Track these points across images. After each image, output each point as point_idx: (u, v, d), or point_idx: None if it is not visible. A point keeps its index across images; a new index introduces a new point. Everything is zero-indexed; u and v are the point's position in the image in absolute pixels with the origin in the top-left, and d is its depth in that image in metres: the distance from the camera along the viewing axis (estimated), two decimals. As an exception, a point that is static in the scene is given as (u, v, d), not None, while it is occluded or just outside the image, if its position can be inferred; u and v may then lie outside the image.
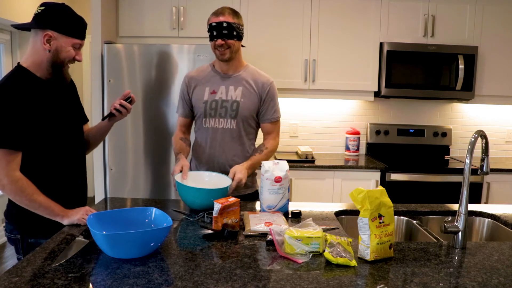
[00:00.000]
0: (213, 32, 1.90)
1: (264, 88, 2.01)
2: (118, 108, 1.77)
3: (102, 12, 2.99)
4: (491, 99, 3.36)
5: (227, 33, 1.88)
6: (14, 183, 1.46)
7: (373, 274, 1.19)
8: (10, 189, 1.47)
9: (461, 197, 1.41)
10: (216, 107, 1.98)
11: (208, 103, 1.99)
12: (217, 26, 1.88)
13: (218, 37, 1.88)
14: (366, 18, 3.24)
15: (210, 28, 1.91)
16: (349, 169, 3.09)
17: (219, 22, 1.87)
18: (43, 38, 1.52)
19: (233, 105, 1.97)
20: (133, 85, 2.93)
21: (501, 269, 1.24)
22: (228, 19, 1.88)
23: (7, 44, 3.87)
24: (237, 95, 1.98)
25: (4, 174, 1.45)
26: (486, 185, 3.10)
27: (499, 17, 3.25)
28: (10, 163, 1.46)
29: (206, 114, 2.00)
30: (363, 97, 3.37)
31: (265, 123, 2.06)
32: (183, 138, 2.08)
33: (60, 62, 1.57)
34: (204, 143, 2.03)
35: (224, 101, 1.98)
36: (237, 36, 1.91)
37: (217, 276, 1.15)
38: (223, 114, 1.98)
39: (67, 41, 1.55)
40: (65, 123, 1.65)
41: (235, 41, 1.91)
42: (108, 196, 2.99)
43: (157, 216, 1.44)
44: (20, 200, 1.49)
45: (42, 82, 1.57)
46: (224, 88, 1.99)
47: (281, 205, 1.70)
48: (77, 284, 1.09)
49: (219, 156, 2.00)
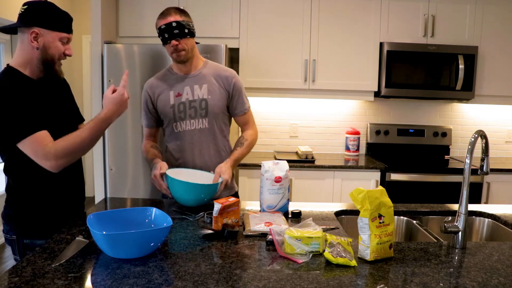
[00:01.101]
0: (164, 35, 1.85)
1: (229, 82, 1.97)
2: None
3: (102, 12, 2.98)
4: (491, 99, 3.36)
5: (179, 32, 1.83)
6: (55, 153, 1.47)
7: (373, 274, 1.19)
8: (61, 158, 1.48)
9: (461, 197, 1.41)
10: (184, 109, 1.94)
11: (176, 106, 1.94)
12: (167, 28, 1.83)
13: (171, 38, 1.84)
14: (366, 18, 3.24)
15: (160, 32, 1.86)
16: (349, 169, 3.09)
17: (168, 23, 1.82)
18: (30, 36, 1.51)
19: (201, 104, 1.94)
20: (133, 85, 2.93)
21: (501, 269, 1.24)
22: (176, 18, 1.84)
23: (7, 44, 3.87)
24: (204, 93, 1.94)
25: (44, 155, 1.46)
26: (486, 185, 3.10)
27: (499, 17, 3.25)
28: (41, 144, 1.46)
29: (176, 118, 1.95)
30: (363, 97, 3.37)
31: (238, 116, 2.04)
32: (154, 146, 2.02)
33: (51, 59, 1.56)
34: (177, 148, 1.98)
35: (192, 101, 1.94)
36: (189, 33, 1.87)
37: (217, 276, 1.15)
38: (193, 115, 1.94)
39: (54, 36, 1.54)
40: (58, 122, 1.63)
41: (188, 39, 1.87)
42: (108, 196, 2.99)
43: (157, 216, 1.44)
44: (77, 148, 1.52)
45: (33, 82, 1.56)
46: (188, 89, 1.95)
47: (281, 205, 1.70)
48: (77, 284, 1.09)
49: (195, 158, 1.96)
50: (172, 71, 2.01)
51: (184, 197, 1.71)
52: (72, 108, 1.77)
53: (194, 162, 1.97)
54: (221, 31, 3.20)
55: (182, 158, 1.98)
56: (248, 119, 2.07)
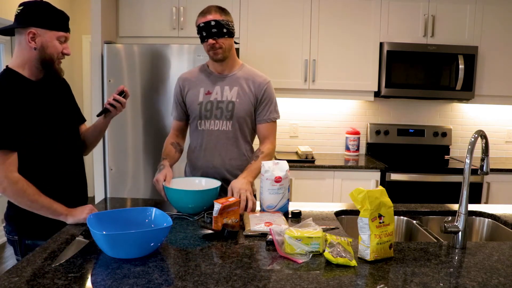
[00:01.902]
0: (202, 33, 1.84)
1: (260, 88, 1.95)
2: (112, 103, 1.74)
3: (102, 12, 2.98)
4: (491, 99, 3.36)
5: (217, 31, 1.82)
6: (14, 184, 1.45)
7: (373, 274, 1.19)
8: (11, 191, 1.46)
9: (461, 197, 1.41)
10: (211, 108, 1.93)
11: (203, 104, 1.94)
12: (206, 26, 1.82)
13: (208, 37, 1.83)
14: (366, 18, 3.24)
15: (199, 30, 1.86)
16: (349, 169, 3.09)
17: (207, 22, 1.82)
18: (27, 36, 1.50)
19: (228, 106, 1.92)
20: (133, 85, 2.93)
21: (501, 269, 1.24)
22: (215, 17, 1.83)
23: (7, 44, 3.87)
24: (233, 96, 1.93)
25: (4, 176, 1.44)
26: (486, 185, 3.10)
27: (499, 17, 3.25)
28: (7, 164, 1.44)
29: (201, 115, 1.94)
30: (363, 97, 3.37)
31: (261, 123, 1.99)
32: (174, 144, 2.01)
33: (49, 58, 1.55)
34: (199, 146, 1.97)
35: (220, 102, 1.93)
36: (228, 33, 1.85)
37: (217, 276, 1.15)
38: (219, 116, 1.93)
39: (51, 35, 1.53)
40: (58, 123, 1.63)
41: (226, 38, 1.86)
42: (108, 196, 2.99)
43: (157, 216, 1.44)
44: (22, 202, 1.48)
45: (32, 83, 1.55)
46: (219, 89, 1.94)
47: (281, 205, 1.70)
48: (77, 284, 1.09)
49: (215, 159, 1.95)
50: (207, 68, 2.00)
51: (179, 205, 1.69)
52: (72, 109, 1.76)
53: (213, 162, 1.95)
54: (221, 31, 3.20)
55: (201, 157, 1.97)
56: (270, 132, 2.01)
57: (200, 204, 1.68)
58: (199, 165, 1.98)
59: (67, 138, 1.68)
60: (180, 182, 1.81)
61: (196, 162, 1.99)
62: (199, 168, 1.97)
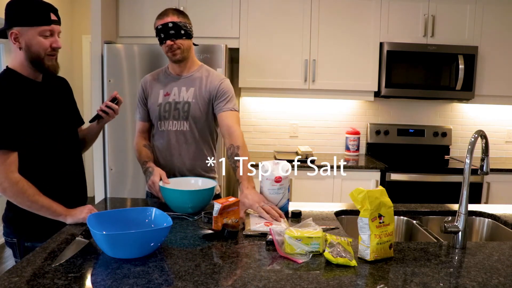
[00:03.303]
0: (160, 35, 1.86)
1: (215, 84, 1.95)
2: (105, 110, 1.74)
3: (102, 12, 2.99)
4: (491, 99, 3.36)
5: (174, 33, 1.84)
6: (15, 185, 1.44)
7: (373, 274, 1.19)
8: (11, 191, 1.45)
9: (461, 197, 1.41)
10: (169, 109, 1.96)
11: (162, 105, 1.96)
12: (163, 28, 1.84)
13: (166, 38, 1.85)
14: (366, 18, 3.24)
15: (157, 32, 1.88)
16: (349, 169, 3.09)
17: (165, 24, 1.84)
18: (11, 37, 1.47)
19: (184, 106, 1.95)
20: (133, 85, 2.93)
21: (501, 269, 1.24)
22: (173, 19, 1.85)
23: (7, 44, 3.87)
24: (189, 96, 1.95)
25: (4, 177, 1.43)
26: (486, 185, 3.10)
27: (499, 17, 3.25)
28: (7, 165, 1.43)
29: (161, 116, 1.96)
30: (363, 97, 3.37)
31: (221, 112, 1.93)
32: (146, 145, 2.03)
33: (36, 57, 1.49)
34: (161, 147, 2.00)
35: (177, 103, 1.95)
36: (186, 35, 1.87)
37: (217, 276, 1.15)
38: (177, 116, 1.95)
39: (32, 32, 1.46)
40: (58, 124, 1.63)
41: (184, 40, 1.88)
42: (108, 196, 2.99)
43: (157, 216, 1.44)
44: (22, 202, 1.48)
45: (32, 83, 1.55)
46: (177, 90, 1.96)
47: (281, 205, 1.70)
48: (77, 284, 1.09)
49: (175, 159, 1.97)
50: (167, 70, 2.04)
51: (180, 205, 1.68)
52: (72, 110, 1.76)
53: (173, 162, 1.98)
54: (221, 31, 3.20)
55: (162, 157, 2.00)
56: (233, 119, 1.92)
57: (201, 204, 1.69)
58: (162, 164, 1.98)
59: (67, 138, 1.68)
60: (175, 183, 1.81)
61: (160, 163, 2.00)
62: (162, 168, 1.94)
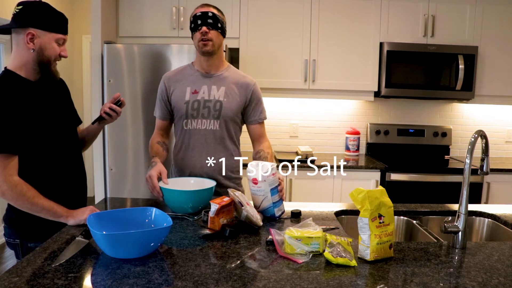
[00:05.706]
0: (197, 21, 1.82)
1: (248, 89, 1.95)
2: (108, 112, 1.74)
3: (102, 12, 2.99)
4: (491, 99, 3.36)
5: (212, 22, 1.82)
6: (14, 188, 1.44)
7: (373, 274, 1.19)
8: (10, 195, 1.45)
9: (461, 197, 1.41)
10: (198, 108, 1.92)
11: (190, 103, 1.92)
12: (202, 15, 1.82)
13: (203, 24, 1.81)
14: (366, 18, 3.24)
15: (194, 19, 1.84)
16: (349, 169, 3.09)
17: (205, 12, 1.82)
18: (26, 37, 1.49)
19: (216, 105, 1.91)
20: (133, 85, 2.93)
21: (501, 269, 1.24)
22: (214, 11, 1.84)
23: (7, 44, 3.86)
24: (220, 95, 1.92)
25: (3, 180, 1.43)
26: (486, 185, 3.10)
27: (499, 17, 3.25)
28: (7, 168, 1.43)
29: (188, 115, 1.92)
30: (363, 97, 3.37)
31: (253, 124, 2.00)
32: (160, 142, 2.00)
33: (47, 61, 1.53)
34: (186, 146, 1.96)
35: (207, 101, 1.91)
36: (221, 29, 1.86)
37: (217, 276, 1.15)
38: (206, 115, 1.91)
39: (50, 37, 1.51)
40: (58, 124, 1.62)
41: (219, 33, 1.86)
42: (108, 196, 2.99)
43: (157, 216, 1.44)
44: (22, 205, 1.47)
45: (31, 84, 1.55)
46: (206, 88, 1.93)
47: (263, 207, 1.64)
48: (77, 284, 1.09)
49: (202, 159, 1.93)
50: (193, 67, 1.99)
51: (180, 205, 1.67)
52: (69, 110, 1.76)
53: (201, 162, 1.94)
54: (221, 31, 3.20)
55: (187, 157, 1.95)
56: (263, 131, 2.04)
57: (201, 204, 1.68)
58: (186, 165, 1.96)
59: (67, 138, 1.67)
60: (174, 183, 1.80)
61: (183, 162, 1.97)
62: (187, 169, 1.95)
